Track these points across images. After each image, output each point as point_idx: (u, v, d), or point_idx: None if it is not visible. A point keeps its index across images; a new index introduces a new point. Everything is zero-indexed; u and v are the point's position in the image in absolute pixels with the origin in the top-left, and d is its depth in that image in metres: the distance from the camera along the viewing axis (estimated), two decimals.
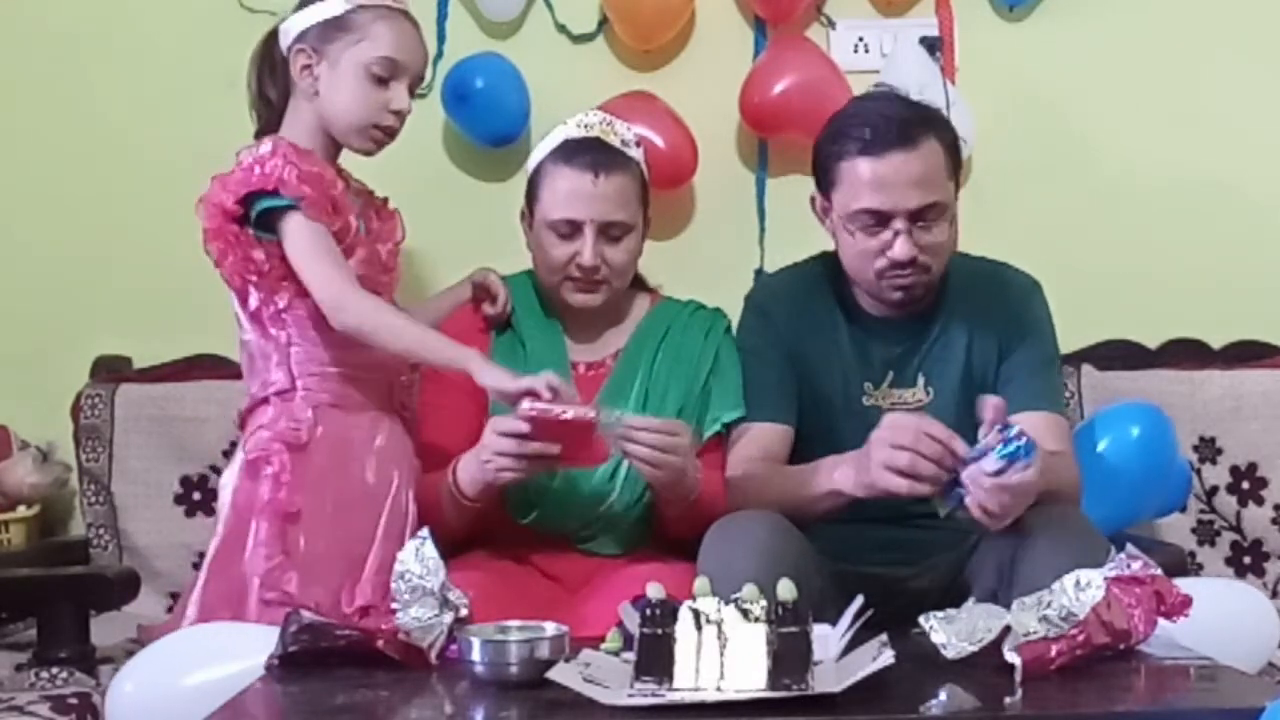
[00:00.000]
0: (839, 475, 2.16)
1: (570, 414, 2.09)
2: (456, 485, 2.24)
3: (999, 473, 2.00)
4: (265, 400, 2.27)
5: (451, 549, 2.21)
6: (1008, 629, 1.75)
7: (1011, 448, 2.00)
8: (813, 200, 2.37)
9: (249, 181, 2.20)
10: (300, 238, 2.20)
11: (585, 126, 2.40)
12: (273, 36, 2.34)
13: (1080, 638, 1.77)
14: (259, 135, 2.32)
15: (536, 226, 2.40)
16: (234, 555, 2.21)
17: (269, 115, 2.34)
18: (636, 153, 2.43)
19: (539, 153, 2.43)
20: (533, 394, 2.09)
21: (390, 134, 2.31)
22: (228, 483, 2.26)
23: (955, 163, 2.30)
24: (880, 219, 2.25)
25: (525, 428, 2.10)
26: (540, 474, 2.23)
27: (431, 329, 2.28)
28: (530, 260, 2.47)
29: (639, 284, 2.53)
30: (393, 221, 2.42)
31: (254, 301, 2.26)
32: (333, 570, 2.21)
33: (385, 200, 2.44)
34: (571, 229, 2.35)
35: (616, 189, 2.35)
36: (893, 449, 2.04)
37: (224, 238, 2.22)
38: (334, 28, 2.26)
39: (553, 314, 2.46)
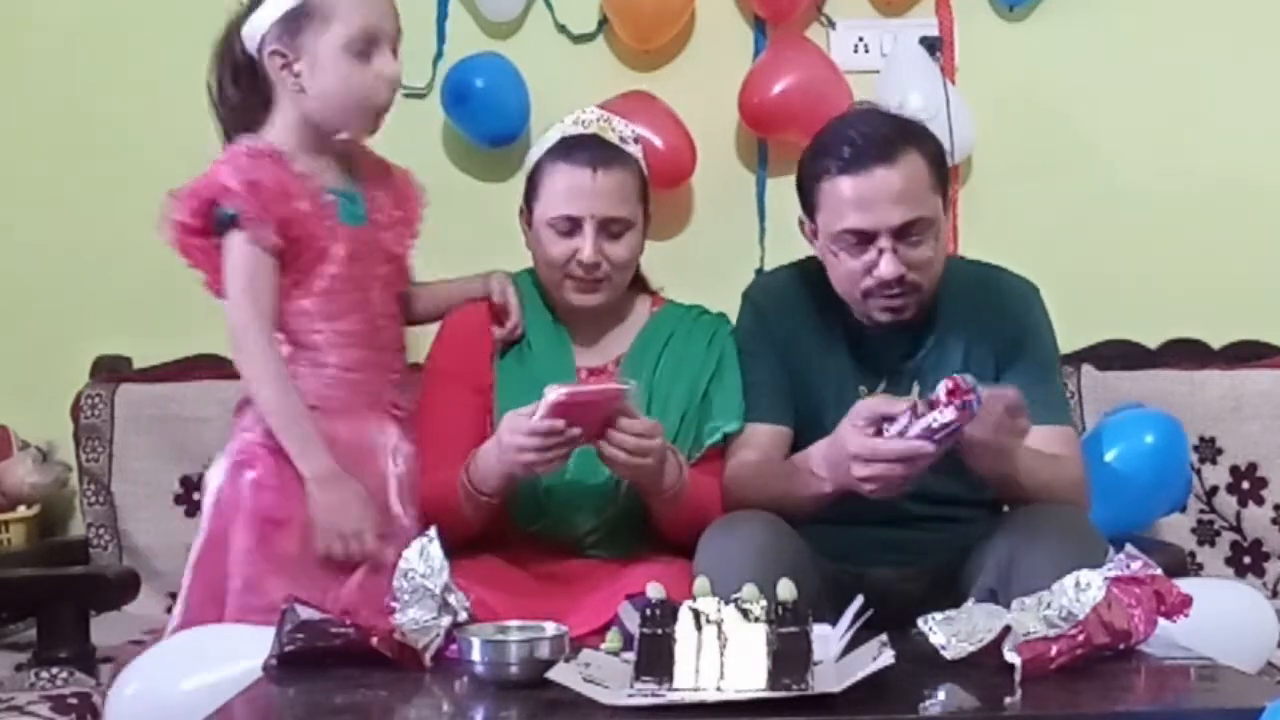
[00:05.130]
0: (822, 473, 2.14)
1: (598, 390, 2.14)
2: (472, 483, 2.24)
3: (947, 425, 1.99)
4: (250, 400, 2.21)
5: (462, 549, 2.22)
6: (1008, 629, 1.75)
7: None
8: (801, 224, 2.33)
9: (198, 193, 2.15)
10: (232, 259, 2.15)
11: (583, 124, 2.39)
12: (230, 37, 2.25)
13: (1080, 638, 1.76)
14: (226, 140, 2.26)
15: (536, 224, 2.39)
16: (217, 556, 2.16)
17: (232, 120, 2.26)
18: (635, 149, 2.41)
19: (536, 150, 2.41)
20: None
21: (386, 109, 2.24)
22: (212, 481, 2.21)
23: (941, 176, 2.25)
24: (864, 238, 2.20)
25: (550, 425, 2.10)
26: (548, 477, 2.25)
27: (301, 417, 2.17)
28: (530, 260, 2.47)
29: (641, 286, 2.51)
30: (409, 204, 2.35)
31: None
32: (318, 575, 2.14)
33: (405, 174, 2.38)
34: (571, 225, 2.33)
35: (615, 185, 2.34)
36: (866, 477, 2.05)
37: (194, 254, 2.18)
38: (298, 17, 2.18)
39: (557, 316, 2.45)
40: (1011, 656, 1.71)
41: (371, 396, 2.26)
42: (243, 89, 2.25)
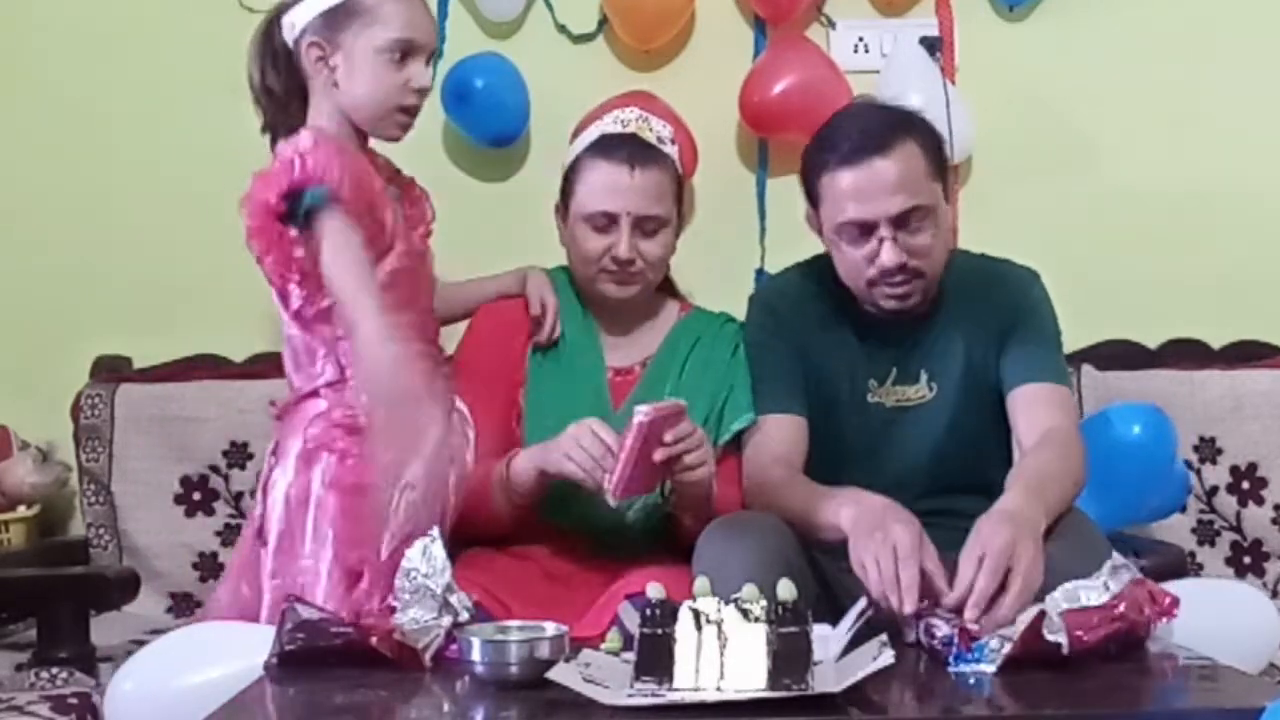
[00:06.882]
0: (844, 514, 2.08)
1: (669, 406, 2.17)
2: (510, 482, 2.27)
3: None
4: (313, 394, 2.20)
5: (472, 542, 2.26)
6: (1042, 614, 1.75)
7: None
8: (808, 217, 2.36)
9: (292, 176, 2.12)
10: (330, 235, 2.10)
11: (622, 123, 2.42)
12: (270, 26, 2.28)
13: (1120, 609, 1.78)
14: (267, 130, 2.27)
15: (572, 220, 2.41)
16: (294, 549, 2.13)
17: (274, 108, 2.28)
18: (671, 150, 2.43)
19: (576, 148, 2.43)
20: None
21: (414, 114, 2.26)
22: (279, 480, 2.17)
23: (939, 163, 2.28)
24: (865, 229, 2.23)
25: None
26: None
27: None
28: (563, 256, 2.47)
29: (669, 290, 2.53)
30: (422, 205, 2.37)
31: (296, 300, 2.18)
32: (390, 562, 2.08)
33: (412, 180, 2.39)
34: (607, 221, 2.36)
35: (652, 183, 2.37)
36: (865, 558, 1.98)
37: (267, 236, 2.14)
38: (341, 14, 2.20)
39: (588, 312, 2.46)
40: (1056, 637, 1.72)
41: (434, 391, 2.20)
42: (283, 77, 2.26)
